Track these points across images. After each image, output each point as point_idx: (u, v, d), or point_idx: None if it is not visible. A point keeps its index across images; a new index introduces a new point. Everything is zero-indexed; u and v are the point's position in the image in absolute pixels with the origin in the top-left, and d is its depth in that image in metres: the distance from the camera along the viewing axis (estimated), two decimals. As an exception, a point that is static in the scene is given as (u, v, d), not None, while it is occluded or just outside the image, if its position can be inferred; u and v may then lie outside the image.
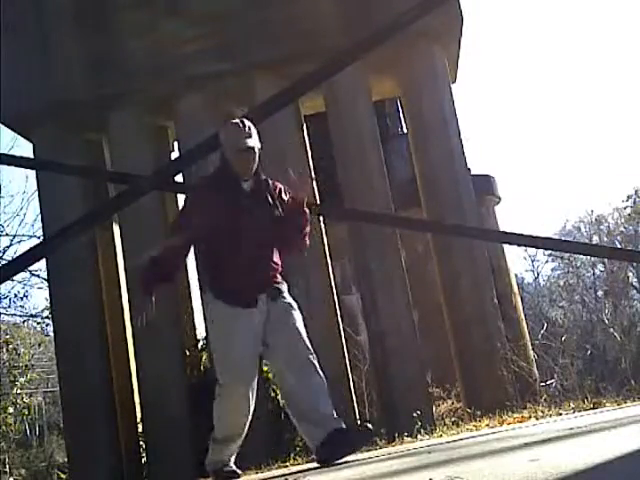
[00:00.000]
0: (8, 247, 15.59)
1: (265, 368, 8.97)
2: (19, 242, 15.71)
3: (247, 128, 3.84)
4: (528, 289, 30.49)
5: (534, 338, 12.02)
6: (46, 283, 11.16)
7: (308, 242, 4.05)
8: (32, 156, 9.73)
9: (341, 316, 9.41)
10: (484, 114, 65.30)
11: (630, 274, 27.40)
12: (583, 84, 69.24)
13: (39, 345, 19.30)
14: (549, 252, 28.70)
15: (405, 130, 12.24)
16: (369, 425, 3.93)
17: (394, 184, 9.88)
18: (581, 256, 25.07)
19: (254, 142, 3.83)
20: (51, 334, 13.73)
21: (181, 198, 10.25)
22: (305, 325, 3.95)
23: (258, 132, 3.92)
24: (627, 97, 62.82)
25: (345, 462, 3.73)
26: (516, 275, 22.01)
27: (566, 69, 68.65)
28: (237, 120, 3.93)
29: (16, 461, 16.15)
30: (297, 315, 3.91)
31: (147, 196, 5.38)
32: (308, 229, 4.00)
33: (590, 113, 68.50)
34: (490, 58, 64.93)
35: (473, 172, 11.28)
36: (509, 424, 4.67)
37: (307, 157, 9.66)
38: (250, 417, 3.85)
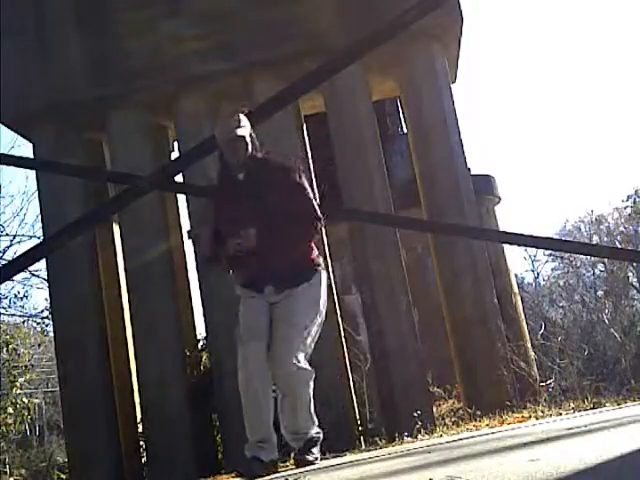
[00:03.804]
0: (8, 247, 15.60)
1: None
2: (19, 242, 15.73)
3: (236, 119, 3.98)
4: (528, 289, 30.48)
5: (534, 338, 12.04)
6: (46, 283, 11.15)
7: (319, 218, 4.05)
8: (32, 156, 9.73)
9: (341, 316, 9.41)
10: (484, 114, 65.34)
11: (630, 274, 27.42)
12: (583, 84, 69.25)
13: (39, 345, 19.30)
14: (549, 252, 28.71)
15: (405, 130, 12.23)
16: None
17: (394, 184, 9.88)
18: (581, 256, 25.08)
19: (243, 131, 3.96)
20: (51, 334, 13.71)
21: (181, 198, 10.29)
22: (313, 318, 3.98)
23: (251, 120, 4.04)
24: (627, 97, 62.84)
25: (345, 462, 3.73)
26: (516, 275, 22.01)
27: (566, 69, 68.65)
28: (227, 113, 4.07)
29: (16, 461, 16.14)
30: (296, 319, 3.92)
31: (147, 196, 5.38)
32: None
33: (590, 113, 68.51)
34: (490, 58, 64.96)
35: (473, 172, 11.27)
36: (509, 424, 4.67)
37: (307, 157, 9.65)
38: (269, 391, 3.93)
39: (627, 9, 58.55)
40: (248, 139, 3.99)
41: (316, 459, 4.00)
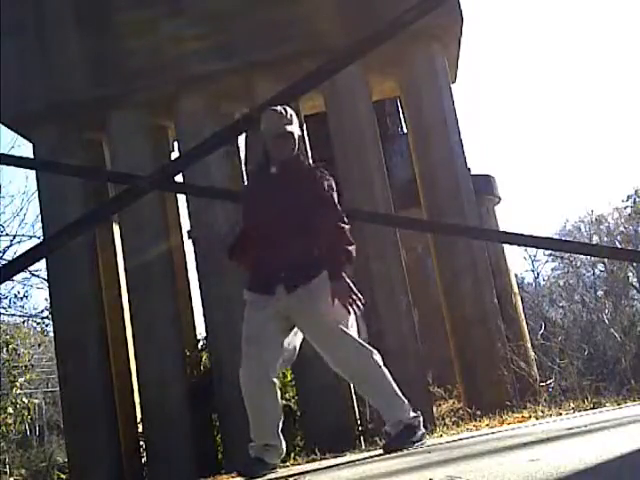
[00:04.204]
0: (8, 247, 15.62)
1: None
2: (19, 242, 15.74)
3: (288, 115, 3.93)
4: (528, 289, 30.49)
5: (534, 338, 12.04)
6: (46, 283, 11.15)
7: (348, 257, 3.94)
8: (32, 156, 9.73)
9: (341, 316, 9.39)
10: (484, 114, 65.36)
11: (630, 274, 27.43)
12: (583, 84, 69.26)
13: (39, 345, 19.31)
14: (549, 252, 28.71)
15: (405, 130, 12.23)
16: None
17: (394, 184, 9.88)
18: (581, 256, 25.10)
19: (293, 128, 3.91)
20: (51, 334, 13.72)
21: (181, 198, 10.30)
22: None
23: (299, 120, 4.04)
24: (627, 97, 62.86)
25: (345, 462, 3.73)
26: (516, 275, 22.01)
27: (566, 69, 68.67)
28: (279, 107, 3.98)
29: (16, 461, 16.15)
30: (314, 312, 3.80)
31: (147, 196, 5.38)
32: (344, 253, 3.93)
33: (590, 113, 68.53)
34: (490, 58, 64.98)
35: (473, 172, 11.27)
36: (509, 424, 4.67)
37: (307, 157, 9.65)
38: (275, 397, 3.84)
39: (627, 9, 58.59)
40: (296, 136, 3.93)
41: (410, 443, 3.77)
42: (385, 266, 8.94)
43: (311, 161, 4.10)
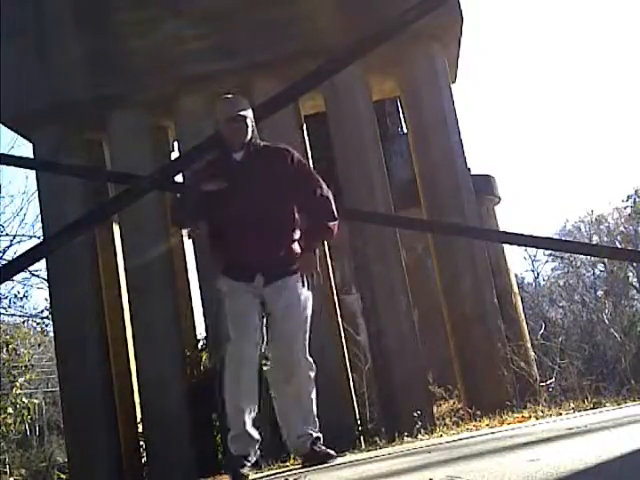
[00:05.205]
0: (8, 247, 15.62)
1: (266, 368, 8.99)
2: (19, 242, 15.75)
3: (237, 100, 3.99)
4: (528, 289, 30.49)
5: (534, 338, 12.03)
6: (46, 283, 11.15)
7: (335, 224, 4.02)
8: (32, 156, 9.73)
9: (341, 316, 9.41)
10: (484, 114, 65.36)
11: (630, 274, 27.44)
12: (583, 84, 69.26)
13: (39, 345, 19.29)
14: (549, 252, 28.72)
15: (405, 130, 12.23)
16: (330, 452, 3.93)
17: (394, 184, 9.87)
18: (581, 256, 25.10)
19: (244, 112, 3.92)
20: (51, 334, 13.72)
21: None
22: (310, 313, 4.00)
23: (253, 110, 4.05)
24: (627, 97, 62.86)
25: (345, 462, 3.73)
26: (516, 275, 22.00)
27: (566, 69, 68.66)
28: (229, 95, 4.07)
29: (16, 461, 16.13)
30: (294, 310, 3.90)
31: (147, 196, 5.37)
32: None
33: (590, 113, 68.53)
34: (490, 58, 64.97)
35: (473, 172, 11.26)
36: (509, 424, 4.67)
37: (307, 157, 9.65)
38: (256, 394, 3.87)
39: (627, 9, 58.59)
40: (249, 121, 3.93)
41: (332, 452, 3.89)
42: (385, 266, 8.93)
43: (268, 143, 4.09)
